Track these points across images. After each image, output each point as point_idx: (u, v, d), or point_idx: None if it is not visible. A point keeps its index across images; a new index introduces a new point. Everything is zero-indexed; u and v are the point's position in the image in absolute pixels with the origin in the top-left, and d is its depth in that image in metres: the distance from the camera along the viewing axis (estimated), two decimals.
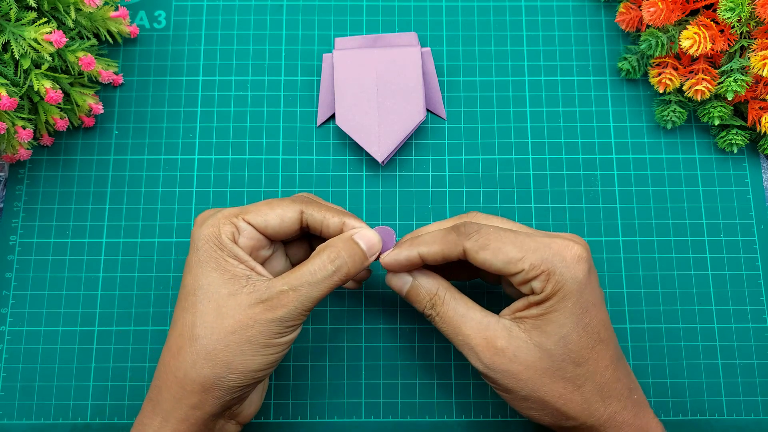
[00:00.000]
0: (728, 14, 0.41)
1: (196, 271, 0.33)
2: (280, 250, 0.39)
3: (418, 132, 0.47)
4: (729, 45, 0.43)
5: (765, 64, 0.41)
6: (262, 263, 0.37)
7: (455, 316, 0.34)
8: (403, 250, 0.35)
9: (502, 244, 0.33)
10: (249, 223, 0.35)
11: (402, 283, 0.36)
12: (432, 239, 0.35)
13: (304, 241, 0.40)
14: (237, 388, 0.33)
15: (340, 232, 0.36)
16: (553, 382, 0.32)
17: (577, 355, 0.32)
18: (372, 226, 0.45)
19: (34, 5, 0.39)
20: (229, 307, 0.32)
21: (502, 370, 0.33)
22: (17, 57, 0.39)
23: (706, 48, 0.41)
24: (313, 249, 0.40)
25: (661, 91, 0.45)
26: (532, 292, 0.33)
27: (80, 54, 0.41)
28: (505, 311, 0.34)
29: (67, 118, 0.44)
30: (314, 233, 0.37)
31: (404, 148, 0.47)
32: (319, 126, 0.47)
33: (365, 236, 0.35)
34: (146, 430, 0.33)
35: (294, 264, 0.40)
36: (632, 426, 0.33)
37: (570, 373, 0.32)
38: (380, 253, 0.36)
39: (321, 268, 0.33)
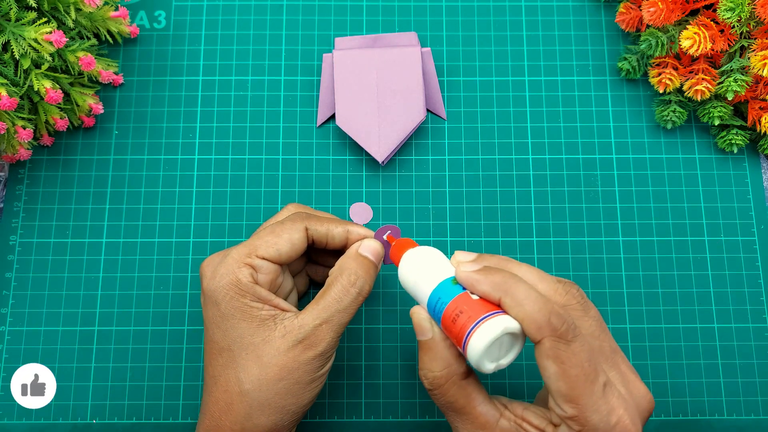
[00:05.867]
0: (728, 14, 0.41)
1: (224, 326, 0.34)
2: (285, 270, 0.39)
3: (418, 132, 0.47)
4: (729, 45, 0.43)
5: (765, 64, 0.41)
6: (277, 291, 0.37)
7: (459, 399, 0.31)
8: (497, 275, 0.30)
9: (576, 373, 0.28)
10: (264, 259, 0.35)
11: (427, 327, 0.32)
12: (531, 284, 0.30)
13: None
14: (293, 423, 0.34)
15: (345, 240, 0.37)
16: None
17: None
18: (373, 227, 0.45)
19: (34, 5, 0.39)
20: (269, 355, 0.33)
21: None
22: (17, 57, 0.39)
23: (706, 48, 0.41)
24: (309, 259, 0.41)
25: (661, 91, 0.45)
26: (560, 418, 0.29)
27: (80, 54, 0.41)
28: (516, 410, 0.31)
29: (67, 118, 0.44)
30: (318, 246, 0.38)
31: (404, 148, 0.47)
32: (319, 126, 0.47)
33: (369, 247, 0.36)
34: None
35: (294, 275, 0.40)
36: None
37: None
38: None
39: (345, 294, 0.34)
